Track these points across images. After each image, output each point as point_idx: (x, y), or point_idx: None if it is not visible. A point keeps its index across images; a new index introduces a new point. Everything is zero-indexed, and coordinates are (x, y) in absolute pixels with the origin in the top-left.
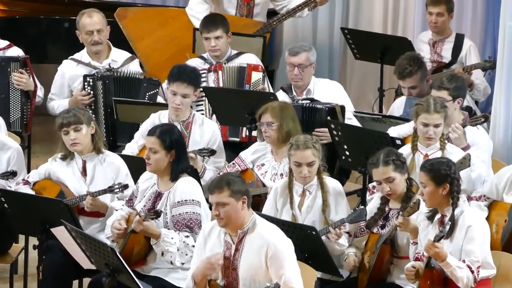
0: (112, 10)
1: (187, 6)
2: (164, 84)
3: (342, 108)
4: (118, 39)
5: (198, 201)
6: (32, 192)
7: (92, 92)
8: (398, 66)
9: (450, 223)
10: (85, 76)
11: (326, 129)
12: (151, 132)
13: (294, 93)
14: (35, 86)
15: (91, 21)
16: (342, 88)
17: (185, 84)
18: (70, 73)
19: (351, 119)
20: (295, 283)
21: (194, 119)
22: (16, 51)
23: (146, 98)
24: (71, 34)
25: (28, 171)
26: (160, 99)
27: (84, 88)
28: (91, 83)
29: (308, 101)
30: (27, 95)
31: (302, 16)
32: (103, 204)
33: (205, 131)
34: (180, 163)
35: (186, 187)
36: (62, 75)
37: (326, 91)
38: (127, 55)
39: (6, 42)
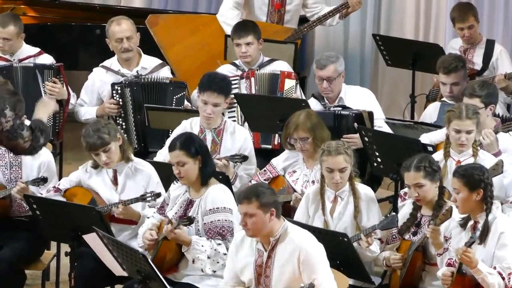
0: (143, 17)
1: (218, 13)
2: (195, 92)
3: (370, 114)
4: (149, 46)
5: (230, 209)
6: (63, 199)
7: (121, 100)
8: (442, 62)
9: (481, 229)
10: (113, 84)
11: (355, 135)
12: (172, 147)
13: (326, 101)
14: (68, 94)
15: (120, 28)
16: (373, 95)
17: (215, 93)
18: (100, 81)
19: (381, 127)
20: (328, 287)
21: (225, 127)
22: (46, 58)
23: (174, 102)
24: (102, 41)
25: (60, 178)
26: (187, 104)
27: (112, 96)
28: (119, 91)
29: (340, 108)
30: (60, 103)
31: (332, 24)
32: (135, 212)
33: (236, 138)
34: (207, 166)
35: (218, 194)
36: (92, 82)
37: (357, 98)
38: (158, 62)
39: (37, 49)
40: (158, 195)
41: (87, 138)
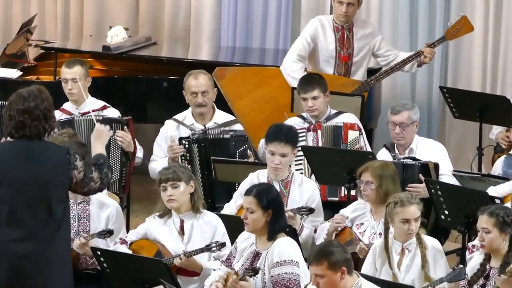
0: (210, 70)
1: (282, 65)
2: (261, 144)
3: (436, 165)
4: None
5: (296, 262)
6: (130, 252)
7: (188, 154)
8: None
9: None
10: (180, 139)
11: (420, 185)
12: (248, 192)
13: (397, 151)
14: (135, 148)
15: (197, 82)
16: (445, 150)
17: (282, 143)
18: (173, 134)
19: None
20: None
21: (293, 178)
22: (112, 112)
23: (237, 155)
24: (170, 94)
25: (128, 231)
26: (250, 153)
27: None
28: (186, 146)
29: (410, 160)
30: (127, 157)
31: (411, 71)
32: (197, 263)
33: (304, 190)
34: (277, 222)
35: (285, 247)
36: (165, 136)
37: (428, 151)
38: (230, 117)
39: (102, 103)
40: (223, 244)
41: (161, 171)
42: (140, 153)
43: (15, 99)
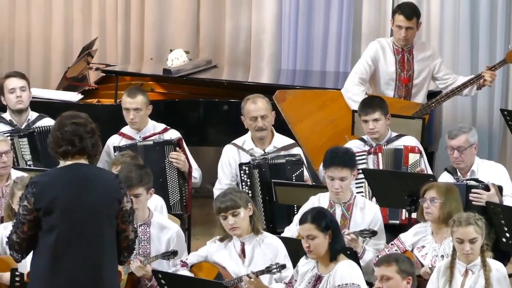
0: (270, 93)
1: (343, 88)
2: (321, 167)
3: (500, 188)
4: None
5: (358, 285)
6: (190, 274)
7: (249, 180)
8: None
9: None
10: (240, 165)
11: (485, 192)
12: (303, 220)
13: (459, 174)
14: (190, 167)
15: (256, 107)
16: (506, 171)
17: (339, 167)
18: (234, 159)
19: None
20: None
21: (355, 201)
22: (172, 134)
23: (294, 179)
24: (230, 117)
25: (188, 253)
26: (307, 178)
27: (240, 176)
28: (247, 171)
29: (473, 181)
30: (183, 177)
31: (471, 94)
32: (264, 285)
33: (366, 214)
34: (337, 242)
35: (347, 270)
36: (228, 162)
37: (490, 173)
38: (290, 141)
39: (162, 126)
40: (283, 266)
41: (218, 199)
42: (196, 173)
43: (63, 120)
